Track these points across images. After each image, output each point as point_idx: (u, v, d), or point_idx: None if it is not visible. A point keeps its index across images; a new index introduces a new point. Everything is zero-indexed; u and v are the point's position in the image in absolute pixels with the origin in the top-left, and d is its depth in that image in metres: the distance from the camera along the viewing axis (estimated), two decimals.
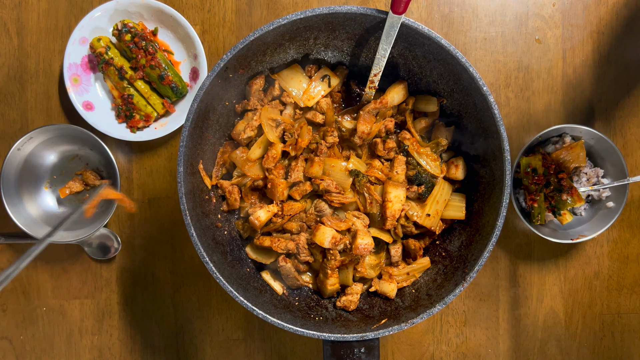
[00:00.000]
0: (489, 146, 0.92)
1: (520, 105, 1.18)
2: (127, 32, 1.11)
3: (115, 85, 1.16)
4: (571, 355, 1.20)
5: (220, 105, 0.98)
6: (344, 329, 0.91)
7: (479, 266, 0.87)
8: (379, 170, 0.99)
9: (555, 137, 1.14)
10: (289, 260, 1.00)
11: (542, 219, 1.09)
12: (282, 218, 0.99)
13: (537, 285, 1.19)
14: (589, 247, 1.19)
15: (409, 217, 1.00)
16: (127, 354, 1.21)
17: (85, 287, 1.20)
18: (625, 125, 1.18)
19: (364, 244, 0.94)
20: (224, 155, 1.03)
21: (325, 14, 0.86)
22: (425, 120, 1.04)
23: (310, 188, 0.99)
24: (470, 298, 1.19)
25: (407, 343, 1.20)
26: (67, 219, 0.90)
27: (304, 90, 1.02)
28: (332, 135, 0.99)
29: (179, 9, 1.16)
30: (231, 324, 1.20)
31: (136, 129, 1.15)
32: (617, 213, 1.09)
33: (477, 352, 1.20)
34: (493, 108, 0.87)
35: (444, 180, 1.02)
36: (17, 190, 1.14)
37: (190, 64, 1.17)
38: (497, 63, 1.18)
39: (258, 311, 0.87)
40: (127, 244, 1.20)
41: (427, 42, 0.89)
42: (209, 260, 0.87)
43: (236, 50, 0.85)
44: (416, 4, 1.18)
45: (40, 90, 1.19)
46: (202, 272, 1.20)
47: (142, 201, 1.19)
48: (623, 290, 1.20)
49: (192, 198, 0.91)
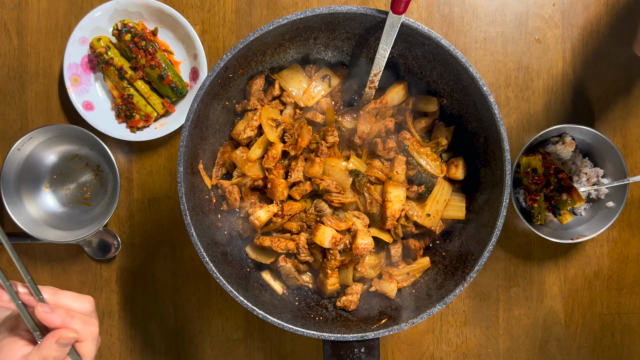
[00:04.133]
0: (489, 146, 0.92)
1: (520, 105, 1.18)
2: (127, 32, 1.11)
3: (115, 85, 1.16)
4: (571, 355, 1.20)
5: (220, 105, 0.98)
6: (344, 329, 0.91)
7: (479, 266, 0.87)
8: (379, 170, 0.99)
9: (555, 137, 1.14)
10: (289, 260, 1.00)
11: (542, 219, 1.09)
12: (282, 218, 0.99)
13: (537, 285, 1.19)
14: (589, 247, 1.19)
15: (409, 217, 1.00)
16: (127, 354, 1.21)
17: (85, 287, 1.20)
18: (625, 125, 1.18)
19: (364, 244, 0.94)
20: (224, 155, 1.03)
21: (325, 14, 0.86)
22: (425, 120, 1.04)
23: (310, 188, 0.99)
24: (470, 298, 1.19)
25: (407, 343, 1.20)
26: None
27: (304, 90, 1.02)
28: (332, 135, 0.99)
29: (179, 9, 1.16)
30: (231, 324, 1.20)
31: (136, 128, 1.15)
32: (617, 213, 1.09)
33: (477, 352, 1.20)
34: (493, 108, 0.87)
35: (444, 180, 1.02)
36: (17, 190, 1.14)
37: (190, 64, 1.17)
38: (497, 63, 1.18)
39: (258, 311, 0.87)
40: (127, 244, 1.20)
41: (427, 42, 0.89)
42: (209, 260, 0.87)
43: (236, 50, 0.85)
44: (416, 4, 1.18)
45: (40, 90, 1.19)
46: (202, 272, 1.20)
47: (142, 201, 1.20)
48: (623, 290, 1.20)
49: (192, 198, 0.91)
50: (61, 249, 1.20)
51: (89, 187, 1.20)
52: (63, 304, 0.71)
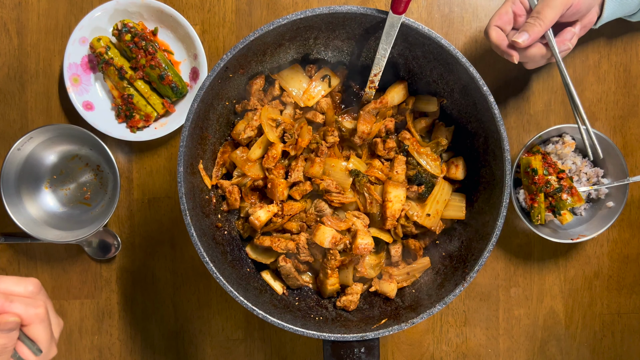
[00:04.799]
0: (489, 146, 0.92)
1: (520, 105, 1.18)
2: (127, 32, 1.11)
3: (115, 85, 1.16)
4: (571, 355, 1.20)
5: (220, 105, 0.98)
6: (344, 329, 0.91)
7: (479, 266, 0.87)
8: (379, 170, 0.99)
9: (555, 137, 1.14)
10: (289, 260, 1.00)
11: (542, 219, 1.09)
12: (282, 218, 0.99)
13: (537, 285, 1.19)
14: (589, 247, 1.19)
15: (409, 217, 1.00)
16: (127, 354, 1.21)
17: (85, 287, 1.20)
18: (625, 125, 1.18)
19: (364, 244, 0.94)
20: (224, 155, 1.03)
21: (325, 14, 0.86)
22: (425, 120, 1.04)
23: (310, 188, 0.99)
24: (470, 298, 1.19)
25: (407, 343, 1.20)
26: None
27: (304, 90, 1.02)
28: (332, 135, 0.99)
29: (179, 9, 1.16)
30: (231, 324, 1.20)
31: (136, 128, 1.15)
32: (617, 213, 1.09)
33: (477, 352, 1.20)
34: (493, 108, 0.87)
35: (444, 180, 1.02)
36: (17, 190, 1.14)
37: (190, 64, 1.17)
38: (497, 63, 1.18)
39: (258, 311, 0.87)
40: (127, 244, 1.20)
41: (427, 42, 0.88)
42: (209, 260, 0.87)
43: (236, 50, 0.85)
44: (416, 4, 1.18)
45: (40, 90, 1.19)
46: (202, 272, 1.20)
47: (142, 201, 1.19)
48: (623, 290, 1.20)
49: (192, 198, 0.91)
50: (61, 249, 1.20)
51: (89, 187, 1.20)
52: (2, 289, 0.69)
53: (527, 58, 0.97)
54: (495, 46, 0.97)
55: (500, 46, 0.95)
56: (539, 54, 0.97)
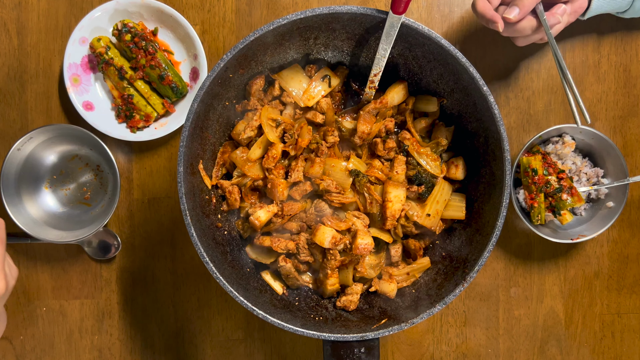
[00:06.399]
0: (489, 146, 0.92)
1: (520, 105, 1.18)
2: (127, 32, 1.11)
3: (115, 85, 1.16)
4: (571, 355, 1.20)
5: (220, 105, 0.98)
6: (344, 329, 0.91)
7: (479, 266, 0.87)
8: (379, 170, 0.99)
9: (555, 137, 1.14)
10: (289, 260, 1.00)
11: (542, 219, 1.09)
12: (282, 218, 0.99)
13: (537, 285, 1.19)
14: (589, 247, 1.19)
15: (409, 217, 1.00)
16: (127, 354, 1.21)
17: (85, 287, 1.20)
18: (625, 125, 1.18)
19: (364, 244, 0.94)
20: (224, 155, 1.03)
21: (325, 14, 0.86)
22: (425, 120, 1.04)
23: (310, 188, 0.99)
24: (470, 298, 1.19)
25: (407, 343, 1.20)
26: None
27: (304, 90, 1.02)
28: (332, 135, 0.99)
29: (179, 9, 1.16)
30: (231, 324, 1.20)
31: (136, 129, 1.15)
32: (617, 213, 1.09)
33: (477, 352, 1.20)
34: (493, 108, 0.87)
35: (444, 180, 1.02)
36: (17, 190, 1.14)
37: (190, 64, 1.17)
38: (497, 63, 1.18)
39: (258, 311, 0.87)
40: (127, 244, 1.20)
41: (427, 42, 0.89)
42: (209, 260, 0.87)
43: (236, 50, 0.85)
44: (416, 4, 1.18)
45: (40, 90, 1.19)
46: (202, 272, 1.20)
47: (142, 201, 1.20)
48: (623, 290, 1.20)
49: (192, 198, 0.91)
50: (61, 249, 1.20)
51: (89, 187, 1.20)
52: None
53: (518, 32, 0.96)
54: (480, 15, 0.94)
55: (485, 14, 0.94)
56: (529, 26, 0.95)
